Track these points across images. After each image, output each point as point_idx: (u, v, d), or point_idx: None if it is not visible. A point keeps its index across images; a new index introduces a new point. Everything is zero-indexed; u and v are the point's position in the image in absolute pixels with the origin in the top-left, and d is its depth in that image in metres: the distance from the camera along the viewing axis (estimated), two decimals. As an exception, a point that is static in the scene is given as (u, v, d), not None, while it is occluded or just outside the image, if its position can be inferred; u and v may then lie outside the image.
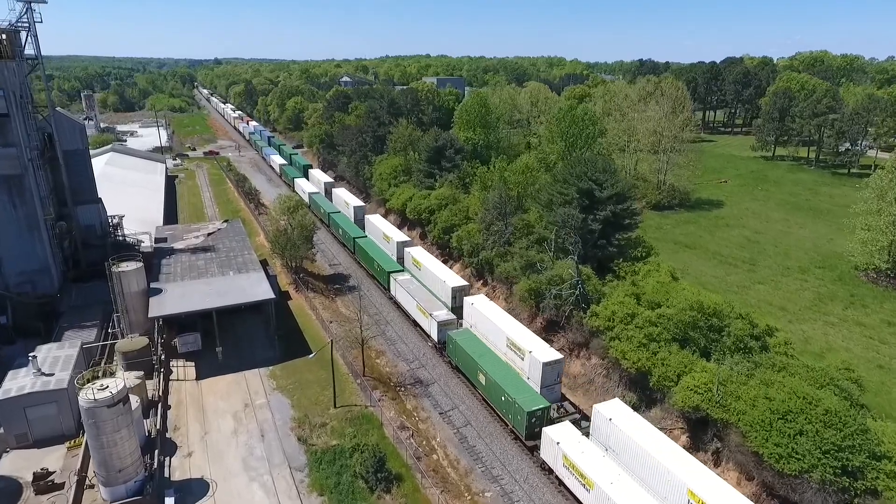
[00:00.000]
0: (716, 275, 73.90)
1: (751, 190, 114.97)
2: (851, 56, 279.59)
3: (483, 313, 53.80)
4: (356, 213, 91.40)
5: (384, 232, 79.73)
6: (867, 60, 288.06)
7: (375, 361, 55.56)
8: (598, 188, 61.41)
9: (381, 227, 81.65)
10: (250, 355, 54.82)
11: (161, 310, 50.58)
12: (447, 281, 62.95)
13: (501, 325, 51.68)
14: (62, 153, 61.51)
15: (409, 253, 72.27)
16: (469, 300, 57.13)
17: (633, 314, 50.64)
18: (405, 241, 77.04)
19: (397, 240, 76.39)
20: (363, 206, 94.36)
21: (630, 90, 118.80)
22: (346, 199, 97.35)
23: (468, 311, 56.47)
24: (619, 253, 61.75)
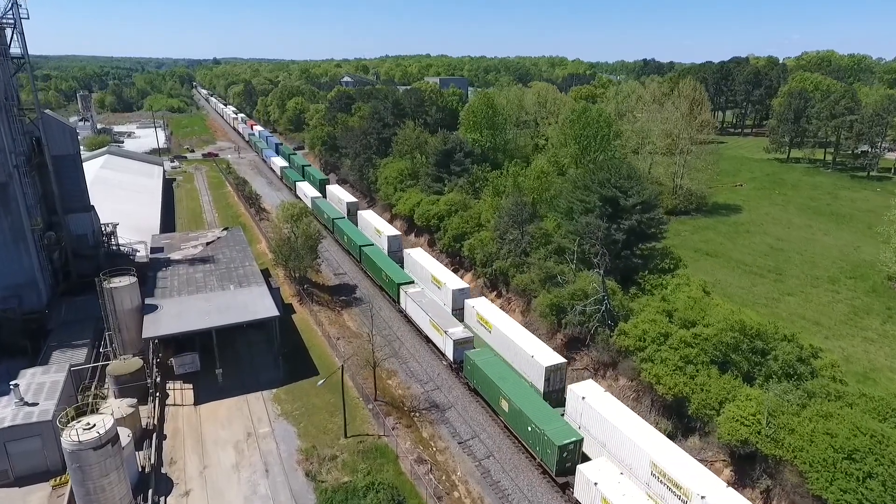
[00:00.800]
0: (741, 285, 70.16)
1: (768, 194, 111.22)
2: (859, 56, 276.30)
3: None
4: (391, 244, 78.14)
5: (433, 274, 65.66)
6: (874, 60, 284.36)
7: (387, 382, 51.78)
8: (623, 196, 57.65)
9: (429, 267, 67.30)
10: (253, 376, 51.04)
11: (156, 330, 46.78)
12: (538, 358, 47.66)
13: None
14: (51, 158, 57.70)
15: (474, 308, 57.63)
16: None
17: (667, 334, 46.94)
18: (463, 287, 62.36)
19: (453, 287, 61.97)
20: (398, 235, 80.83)
21: (643, 91, 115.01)
22: (378, 224, 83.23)
23: None
24: (644, 264, 58.03)
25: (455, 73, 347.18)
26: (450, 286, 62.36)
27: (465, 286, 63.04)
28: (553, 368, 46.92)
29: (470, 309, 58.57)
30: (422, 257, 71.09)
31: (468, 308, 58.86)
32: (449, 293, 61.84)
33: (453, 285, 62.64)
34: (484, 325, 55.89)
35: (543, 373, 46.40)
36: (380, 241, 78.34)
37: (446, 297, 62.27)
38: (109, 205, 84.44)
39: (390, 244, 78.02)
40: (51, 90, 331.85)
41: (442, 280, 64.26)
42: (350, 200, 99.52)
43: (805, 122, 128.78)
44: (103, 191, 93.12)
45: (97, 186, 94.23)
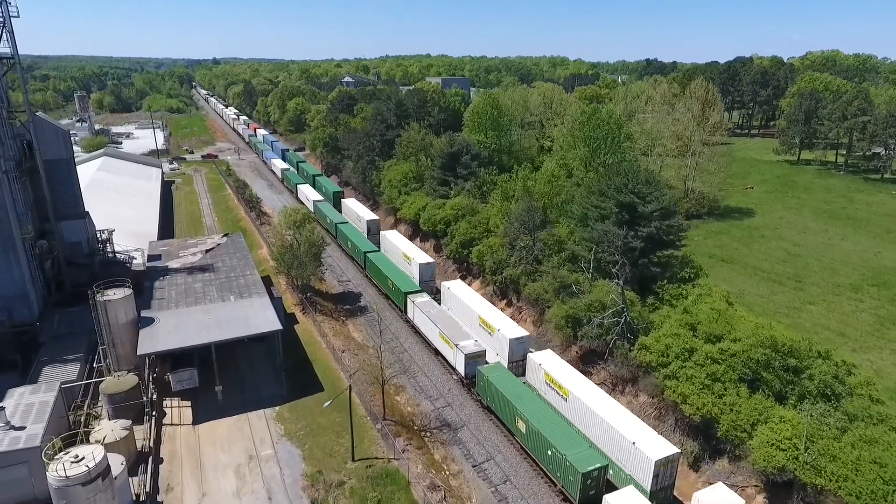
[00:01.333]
0: (760, 294, 67.65)
1: (781, 197, 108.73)
2: (864, 56, 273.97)
3: None
4: (423, 273, 67.90)
5: (482, 316, 54.69)
6: (880, 60, 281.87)
7: (395, 399, 49.27)
8: (641, 202, 55.16)
9: (476, 307, 56.70)
10: (254, 393, 48.53)
11: (153, 345, 44.24)
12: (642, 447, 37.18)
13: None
14: (43, 163, 55.16)
15: (541, 365, 46.59)
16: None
17: (692, 349, 44.46)
18: (521, 336, 51.29)
19: (510, 335, 50.62)
20: (431, 262, 69.80)
21: (653, 91, 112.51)
22: (407, 249, 72.95)
23: None
24: (662, 273, 55.53)
25: (456, 74, 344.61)
26: (505, 333, 50.71)
27: (523, 334, 51.24)
28: (663, 462, 36.01)
29: (534, 366, 47.28)
30: (465, 293, 59.71)
31: (532, 364, 47.74)
32: (504, 343, 50.23)
33: (509, 332, 50.83)
34: (556, 389, 44.49)
35: (652, 468, 35.50)
36: (410, 268, 68.93)
37: (500, 346, 51.10)
38: (106, 209, 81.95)
39: (422, 273, 67.64)
40: (49, 90, 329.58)
41: (494, 325, 52.41)
42: (370, 218, 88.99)
43: (816, 123, 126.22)
44: (99, 194, 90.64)
45: (93, 190, 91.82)
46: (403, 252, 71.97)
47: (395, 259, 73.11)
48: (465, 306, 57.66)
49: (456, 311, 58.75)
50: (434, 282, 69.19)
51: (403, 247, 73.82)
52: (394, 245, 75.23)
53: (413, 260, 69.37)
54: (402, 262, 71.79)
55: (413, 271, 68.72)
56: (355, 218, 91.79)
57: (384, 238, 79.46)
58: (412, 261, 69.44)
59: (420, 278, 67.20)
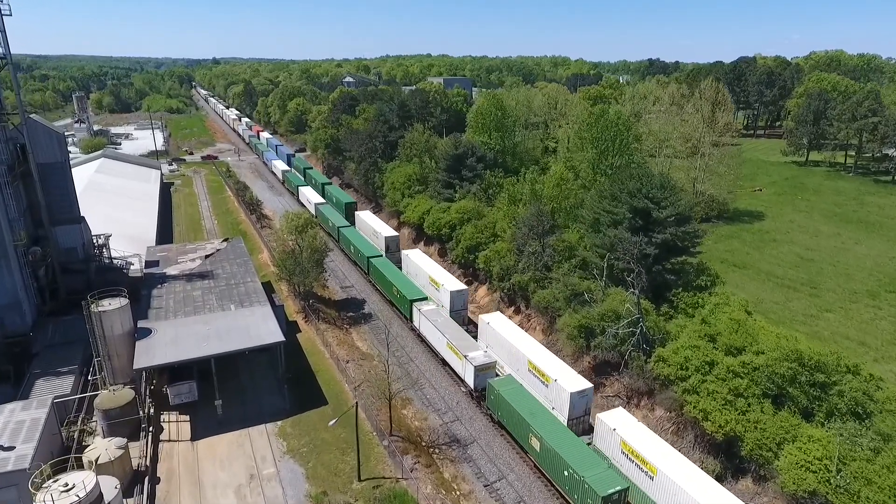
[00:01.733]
0: (775, 300, 65.80)
1: (790, 199, 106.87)
2: (868, 56, 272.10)
3: None
4: (455, 301, 59.33)
5: (532, 361, 46.66)
6: (884, 60, 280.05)
7: (402, 413, 47.39)
8: (656, 207, 53.31)
9: (524, 348, 48.25)
10: (255, 406, 46.70)
11: (149, 359, 42.38)
12: None
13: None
14: (37, 167, 53.28)
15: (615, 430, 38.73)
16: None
17: (712, 362, 42.62)
18: (583, 388, 43.11)
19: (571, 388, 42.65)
20: (464, 289, 61.36)
21: (661, 92, 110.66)
22: (435, 272, 64.48)
23: None
24: (677, 280, 53.67)
25: (457, 74, 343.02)
26: (564, 385, 42.28)
27: (586, 386, 42.92)
28: None
29: (606, 429, 38.93)
30: (508, 330, 50.71)
31: (603, 427, 39.32)
32: (564, 396, 41.93)
33: (569, 383, 42.63)
34: (638, 463, 36.10)
35: None
36: (439, 295, 60.69)
37: (558, 400, 42.61)
38: (103, 212, 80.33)
39: (454, 302, 59.19)
40: (48, 90, 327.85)
41: (549, 373, 43.87)
42: (389, 235, 79.78)
43: (825, 124, 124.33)
44: (97, 197, 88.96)
45: (90, 192, 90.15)
46: (430, 276, 63.56)
47: (420, 283, 65.14)
48: (510, 346, 48.75)
49: (498, 351, 50.27)
50: (466, 310, 61.07)
51: (430, 270, 65.51)
52: (419, 267, 67.06)
53: (442, 286, 60.61)
54: (427, 287, 63.50)
55: (443, 299, 60.12)
56: (371, 233, 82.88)
57: (407, 258, 70.66)
58: (441, 287, 60.90)
59: (451, 307, 58.84)
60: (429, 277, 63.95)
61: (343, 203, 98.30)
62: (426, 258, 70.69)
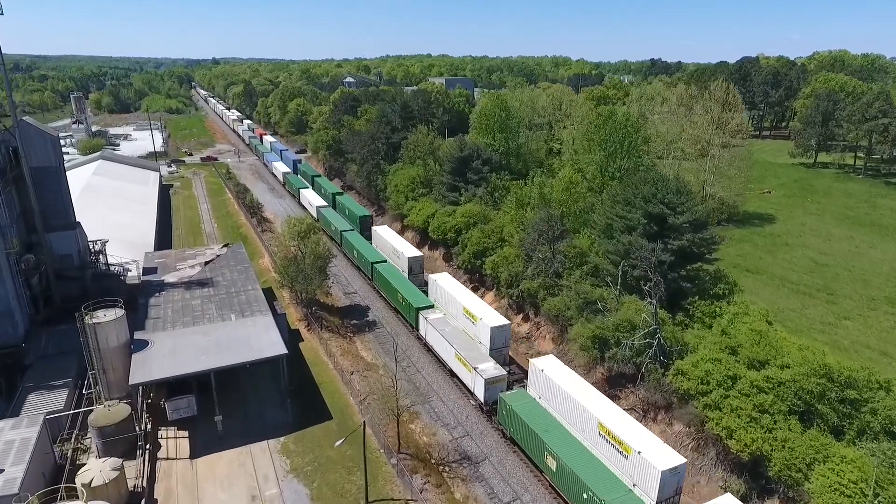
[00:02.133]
0: (791, 307, 63.93)
1: (800, 202, 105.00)
2: (873, 56, 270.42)
3: None
4: (496, 338, 50.36)
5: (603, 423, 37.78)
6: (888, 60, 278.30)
7: (409, 427, 45.51)
8: (672, 213, 51.46)
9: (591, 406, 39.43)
10: (257, 421, 44.81)
11: (146, 373, 40.46)
12: None
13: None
14: (30, 171, 51.43)
15: None
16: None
17: (735, 376, 40.78)
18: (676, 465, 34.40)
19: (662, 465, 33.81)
20: (506, 325, 51.49)
21: (669, 93, 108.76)
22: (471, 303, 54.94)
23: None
24: (693, 288, 51.84)
25: (458, 74, 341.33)
26: (652, 459, 33.88)
27: (678, 462, 34.34)
28: None
29: None
30: (563, 377, 42.66)
31: None
32: (653, 475, 33.53)
33: (658, 458, 34.10)
34: None
35: None
36: (476, 329, 51.97)
37: (644, 477, 34.21)
38: (100, 216, 78.57)
39: (495, 338, 50.34)
40: (47, 91, 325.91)
41: (629, 444, 35.31)
42: (412, 255, 69.86)
43: (834, 125, 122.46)
44: (94, 201, 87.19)
45: (88, 195, 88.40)
46: (465, 307, 53.84)
47: (452, 313, 56.44)
48: (570, 400, 40.33)
49: (552, 402, 42.15)
50: (508, 348, 51.97)
51: (464, 299, 55.45)
52: (450, 296, 57.09)
53: (480, 321, 51.19)
54: (461, 319, 54.62)
55: (482, 335, 50.96)
56: (391, 252, 73.04)
57: (434, 284, 60.48)
58: (479, 321, 51.47)
59: (491, 345, 49.89)
60: (463, 309, 54.45)
61: (357, 216, 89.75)
62: (458, 285, 60.09)
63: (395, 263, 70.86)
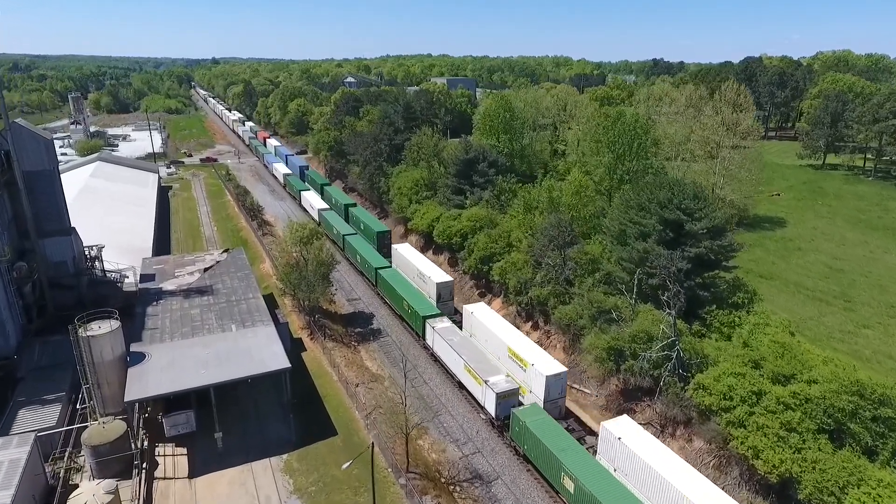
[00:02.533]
0: (808, 315, 62.08)
1: (811, 205, 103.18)
2: (877, 56, 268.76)
3: None
4: (551, 388, 43.48)
5: None
6: (892, 60, 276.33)
7: (417, 443, 43.63)
8: (689, 219, 49.61)
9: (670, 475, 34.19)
10: (258, 437, 42.95)
11: (142, 389, 38.54)
12: None
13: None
14: (23, 175, 49.54)
15: None
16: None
17: (760, 392, 38.92)
18: None
19: None
20: (562, 372, 44.43)
21: (676, 93, 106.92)
22: (520, 346, 47.15)
23: None
24: (712, 297, 49.96)
25: (458, 74, 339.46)
26: None
27: None
28: None
29: None
30: (642, 444, 36.54)
31: None
32: None
33: None
34: None
35: None
36: (525, 376, 44.57)
37: None
38: (97, 219, 76.83)
39: (550, 388, 43.23)
40: (46, 91, 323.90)
41: None
42: (441, 280, 61.36)
43: (844, 126, 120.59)
44: (91, 203, 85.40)
45: (84, 198, 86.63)
46: (511, 348, 46.50)
47: (491, 354, 48.97)
48: (646, 469, 34.89)
49: (628, 468, 36.22)
50: (564, 398, 44.84)
51: (510, 338, 47.89)
52: (491, 333, 49.43)
53: (532, 366, 43.67)
54: (503, 360, 47.21)
55: (532, 383, 43.92)
56: (414, 275, 65.09)
57: (471, 317, 52.54)
58: (530, 367, 44.00)
59: (545, 396, 42.87)
60: (508, 350, 46.51)
61: (374, 232, 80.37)
62: (500, 320, 52.01)
63: (419, 288, 63.68)
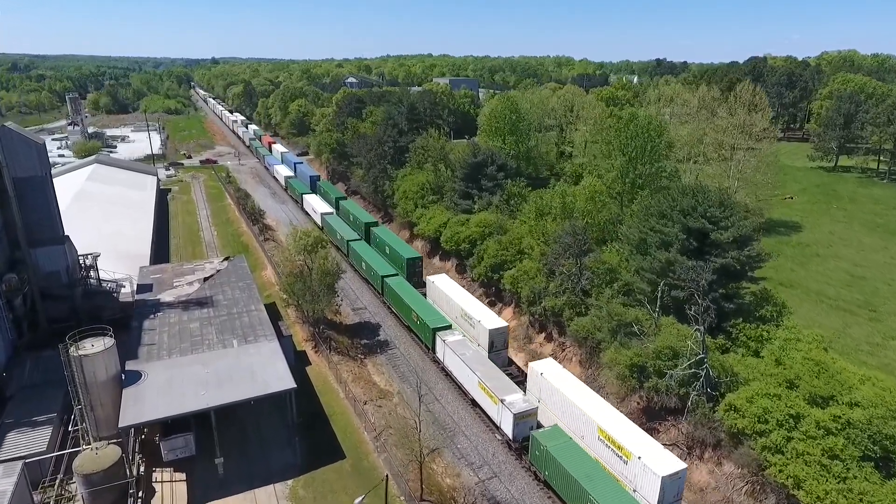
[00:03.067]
0: (832, 326, 59.46)
1: (825, 208, 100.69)
2: (883, 56, 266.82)
3: None
4: (666, 490, 33.73)
5: None
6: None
7: (430, 467, 41.11)
8: (714, 227, 47.14)
9: None
10: (262, 462, 40.47)
11: (138, 413, 36.04)
12: None
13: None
14: (13, 181, 47.11)
15: None
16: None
17: (798, 415, 36.46)
18: None
19: None
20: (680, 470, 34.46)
21: (689, 95, 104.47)
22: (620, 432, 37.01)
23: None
24: (738, 310, 47.48)
25: (460, 74, 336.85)
26: None
27: None
28: None
29: None
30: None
31: None
32: None
33: None
34: None
35: None
36: (626, 471, 35.54)
37: None
38: (94, 225, 74.45)
39: (666, 490, 34.00)
40: (44, 91, 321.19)
41: None
42: (496, 327, 50.18)
43: (856, 127, 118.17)
44: (88, 208, 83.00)
45: (80, 203, 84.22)
46: (601, 428, 37.29)
47: (576, 432, 39.22)
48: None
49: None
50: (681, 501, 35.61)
51: (602, 417, 38.33)
52: (563, 396, 40.52)
53: (636, 458, 34.82)
54: (593, 443, 37.86)
55: (638, 480, 34.67)
56: (457, 314, 53.94)
57: (540, 380, 42.89)
58: (633, 460, 34.91)
59: (661, 500, 33.60)
60: (598, 430, 37.36)
61: (404, 259, 68.71)
62: (570, 378, 43.09)
63: (464, 331, 52.39)
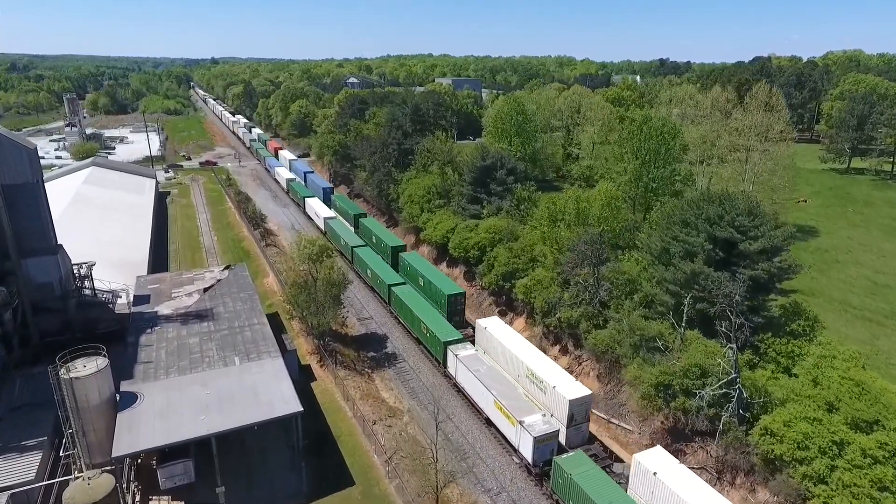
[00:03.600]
0: (859, 338, 57.02)
1: (840, 212, 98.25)
2: (889, 56, 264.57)
3: None
4: None
5: None
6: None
7: (444, 493, 38.62)
8: (743, 237, 44.65)
9: None
10: (266, 489, 38.01)
11: (133, 441, 33.46)
12: None
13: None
14: (2, 189, 44.50)
15: None
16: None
17: (842, 442, 33.97)
18: None
19: None
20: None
21: (701, 96, 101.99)
22: None
23: None
24: (769, 323, 44.99)
25: (461, 74, 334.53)
26: None
27: None
28: None
29: None
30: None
31: None
32: None
33: None
34: None
35: None
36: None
37: None
38: (90, 231, 72.05)
39: None
40: (42, 91, 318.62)
41: None
42: (576, 397, 40.33)
43: (869, 129, 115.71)
44: (84, 213, 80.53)
45: (77, 208, 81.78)
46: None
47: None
48: None
49: None
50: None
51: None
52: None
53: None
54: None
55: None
56: (521, 374, 44.49)
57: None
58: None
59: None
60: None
61: (445, 295, 58.79)
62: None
63: (531, 395, 43.23)
